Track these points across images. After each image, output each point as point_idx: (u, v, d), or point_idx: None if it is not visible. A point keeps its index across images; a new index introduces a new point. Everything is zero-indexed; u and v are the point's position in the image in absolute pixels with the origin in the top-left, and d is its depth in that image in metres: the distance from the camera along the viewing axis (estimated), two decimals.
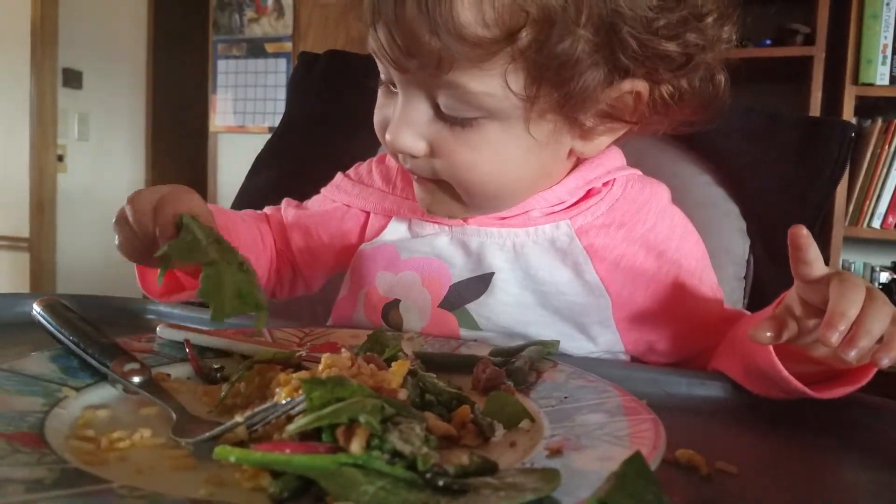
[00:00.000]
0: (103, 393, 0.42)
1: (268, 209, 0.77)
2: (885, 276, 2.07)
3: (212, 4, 3.11)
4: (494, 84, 0.51)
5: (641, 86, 0.55)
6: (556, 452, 0.34)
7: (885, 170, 1.94)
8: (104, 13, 3.78)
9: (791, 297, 0.49)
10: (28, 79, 3.40)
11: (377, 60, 0.57)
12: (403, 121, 0.55)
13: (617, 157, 0.67)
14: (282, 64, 3.04)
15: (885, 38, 1.90)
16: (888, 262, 2.05)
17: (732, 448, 0.46)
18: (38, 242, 3.47)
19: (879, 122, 1.98)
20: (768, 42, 2.03)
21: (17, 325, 0.62)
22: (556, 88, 0.52)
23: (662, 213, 0.65)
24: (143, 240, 0.51)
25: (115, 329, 0.54)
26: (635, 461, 0.29)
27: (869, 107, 2.05)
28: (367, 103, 0.63)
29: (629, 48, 0.51)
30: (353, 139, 0.92)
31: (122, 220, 0.53)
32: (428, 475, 0.29)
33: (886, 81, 1.91)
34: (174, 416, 0.38)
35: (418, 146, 0.56)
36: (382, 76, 0.59)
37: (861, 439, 0.47)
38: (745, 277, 0.78)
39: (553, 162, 0.61)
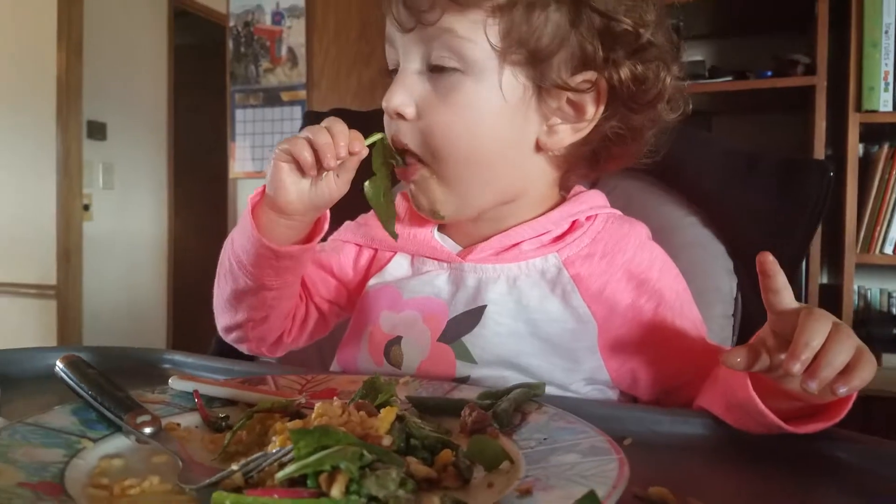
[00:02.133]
0: (118, 443, 0.46)
1: None
2: None
3: (229, 56, 3.22)
4: (475, 32, 0.61)
5: (597, 77, 0.63)
6: (525, 492, 0.37)
7: (893, 195, 1.94)
8: (126, 67, 3.93)
9: (765, 329, 0.51)
10: (54, 131, 3.53)
11: (388, 55, 0.67)
12: (399, 82, 0.64)
13: (599, 198, 0.72)
14: (297, 111, 3.13)
15: (886, 65, 1.92)
16: None
17: (709, 483, 0.48)
18: (65, 290, 3.56)
19: (886, 147, 1.99)
20: (769, 73, 2.06)
21: (45, 377, 0.67)
22: (524, 45, 0.61)
23: (642, 246, 0.70)
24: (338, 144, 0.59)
25: (132, 379, 0.58)
26: (589, 498, 0.32)
27: (875, 133, 2.06)
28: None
29: (593, 20, 0.61)
30: (355, 187, 0.97)
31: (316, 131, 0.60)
32: None
33: (890, 107, 1.92)
34: (180, 463, 0.41)
35: (408, 107, 0.64)
36: (387, 59, 0.68)
37: (838, 474, 0.48)
38: (733, 315, 0.80)
39: (521, 146, 0.66)
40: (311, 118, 1.08)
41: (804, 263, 1.97)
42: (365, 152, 0.62)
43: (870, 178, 1.99)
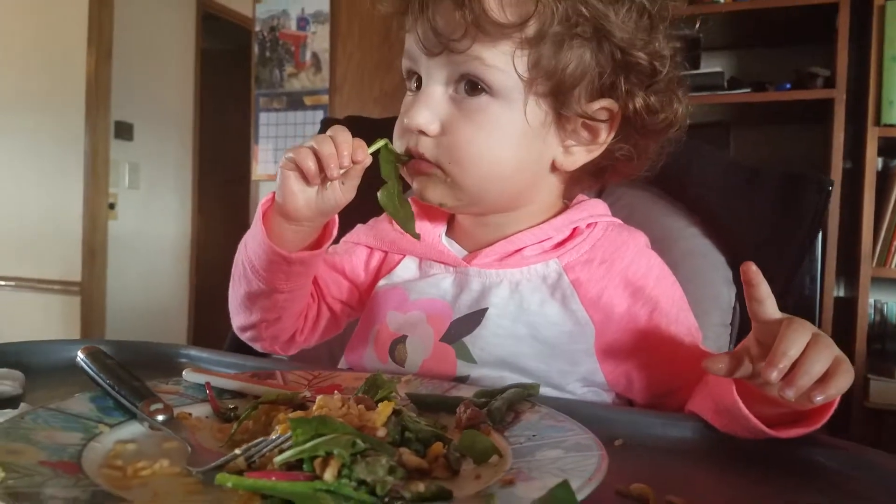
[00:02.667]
0: (133, 429, 0.49)
1: None
2: None
3: (254, 60, 3.28)
4: (504, 61, 0.63)
5: (614, 105, 0.66)
6: (508, 483, 0.39)
7: None
8: (154, 69, 4.02)
9: (749, 338, 0.53)
10: (83, 131, 3.61)
11: (407, 69, 0.69)
12: (423, 102, 0.66)
13: (601, 207, 0.75)
14: (319, 115, 3.18)
15: None
16: None
17: (694, 484, 0.50)
18: (90, 287, 3.64)
19: None
20: (788, 86, 2.06)
21: (67, 367, 0.70)
22: (550, 77, 0.64)
23: (640, 254, 0.72)
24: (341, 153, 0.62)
25: (149, 371, 0.61)
26: (562, 487, 0.34)
27: (894, 146, 2.05)
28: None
29: (614, 54, 0.64)
30: (368, 191, 1.00)
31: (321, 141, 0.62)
32: (386, 499, 0.34)
33: None
34: (189, 449, 0.44)
35: (433, 124, 0.66)
36: (405, 72, 0.70)
37: (820, 479, 0.50)
38: (731, 324, 0.82)
39: (535, 163, 0.69)
40: (328, 125, 1.11)
41: (819, 276, 1.97)
42: (369, 160, 0.64)
43: (888, 191, 1.99)
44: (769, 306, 0.51)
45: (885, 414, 1.84)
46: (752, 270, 0.51)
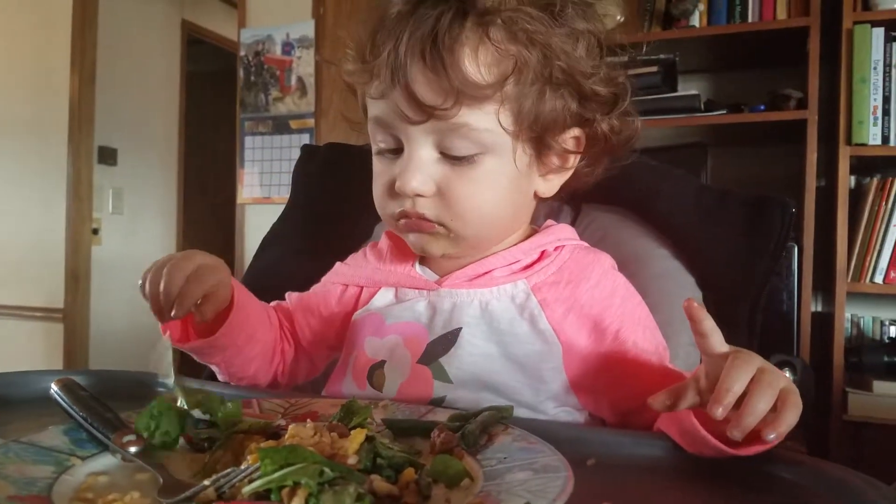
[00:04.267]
0: (106, 461, 0.50)
1: (274, 303, 0.85)
2: (893, 330, 2.07)
3: (239, 85, 3.30)
4: (491, 121, 0.65)
5: (581, 132, 0.71)
6: None
7: (883, 226, 1.97)
8: (139, 93, 4.02)
9: (700, 369, 0.55)
10: (66, 156, 3.59)
11: (378, 131, 0.69)
12: (414, 167, 0.66)
13: (568, 231, 0.77)
14: (305, 139, 3.19)
15: (875, 100, 1.96)
16: (895, 316, 2.06)
17: (660, 501, 0.51)
18: (73, 313, 3.60)
19: (876, 179, 2.03)
20: (762, 107, 2.11)
21: (43, 398, 0.70)
22: (532, 125, 0.67)
23: (605, 274, 0.74)
24: (164, 304, 0.65)
25: (126, 401, 0.61)
26: None
27: (866, 165, 2.10)
28: (363, 188, 0.74)
29: (583, 94, 0.68)
30: (349, 220, 1.01)
31: (153, 281, 0.66)
32: None
33: (879, 141, 1.96)
34: (161, 480, 0.45)
35: (427, 186, 0.67)
36: (382, 145, 0.70)
37: (782, 492, 0.51)
38: None
39: (524, 200, 0.73)
40: (309, 152, 1.13)
41: (797, 292, 2.00)
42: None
43: (860, 208, 2.02)
44: (715, 340, 0.52)
45: (863, 426, 1.85)
46: (694, 307, 0.52)
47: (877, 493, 0.44)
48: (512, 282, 0.73)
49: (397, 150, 0.69)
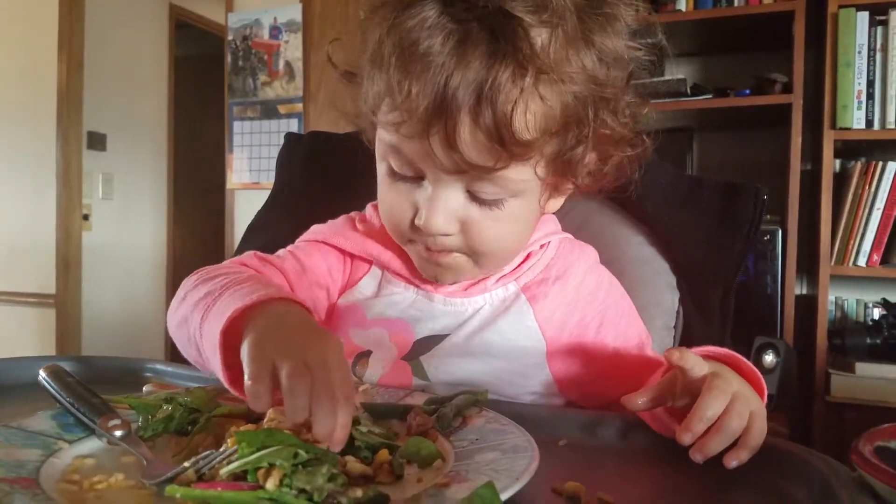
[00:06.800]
0: (92, 445, 0.51)
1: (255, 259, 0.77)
2: (877, 313, 2.11)
3: (227, 69, 3.28)
4: (528, 173, 0.63)
5: (597, 161, 0.68)
6: (444, 486, 0.42)
7: (866, 209, 2.00)
8: (127, 78, 4.01)
9: (675, 373, 0.56)
10: (55, 142, 3.58)
11: (395, 157, 0.64)
12: (440, 208, 0.64)
13: (551, 224, 0.78)
14: (293, 124, 3.19)
15: (859, 84, 1.98)
16: (878, 299, 2.09)
17: (627, 481, 0.53)
18: (65, 299, 3.61)
19: (860, 163, 2.05)
20: (748, 91, 2.12)
21: (33, 384, 0.71)
22: (564, 171, 0.66)
23: (591, 270, 0.76)
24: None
25: (115, 386, 0.63)
26: (486, 487, 0.37)
27: (851, 149, 2.12)
28: (346, 176, 0.73)
29: (613, 139, 0.66)
30: (333, 207, 1.02)
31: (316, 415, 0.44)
32: None
33: (863, 125, 1.98)
34: (145, 462, 0.47)
35: (452, 226, 0.65)
36: (398, 170, 0.65)
37: (745, 477, 0.52)
38: (674, 327, 0.85)
39: (536, 223, 0.73)
40: (292, 140, 1.13)
41: (781, 275, 2.03)
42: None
43: (844, 192, 2.05)
44: (696, 371, 0.54)
45: (845, 407, 1.89)
46: (675, 357, 0.53)
47: (838, 480, 0.45)
48: (503, 285, 0.74)
49: (416, 179, 0.65)
